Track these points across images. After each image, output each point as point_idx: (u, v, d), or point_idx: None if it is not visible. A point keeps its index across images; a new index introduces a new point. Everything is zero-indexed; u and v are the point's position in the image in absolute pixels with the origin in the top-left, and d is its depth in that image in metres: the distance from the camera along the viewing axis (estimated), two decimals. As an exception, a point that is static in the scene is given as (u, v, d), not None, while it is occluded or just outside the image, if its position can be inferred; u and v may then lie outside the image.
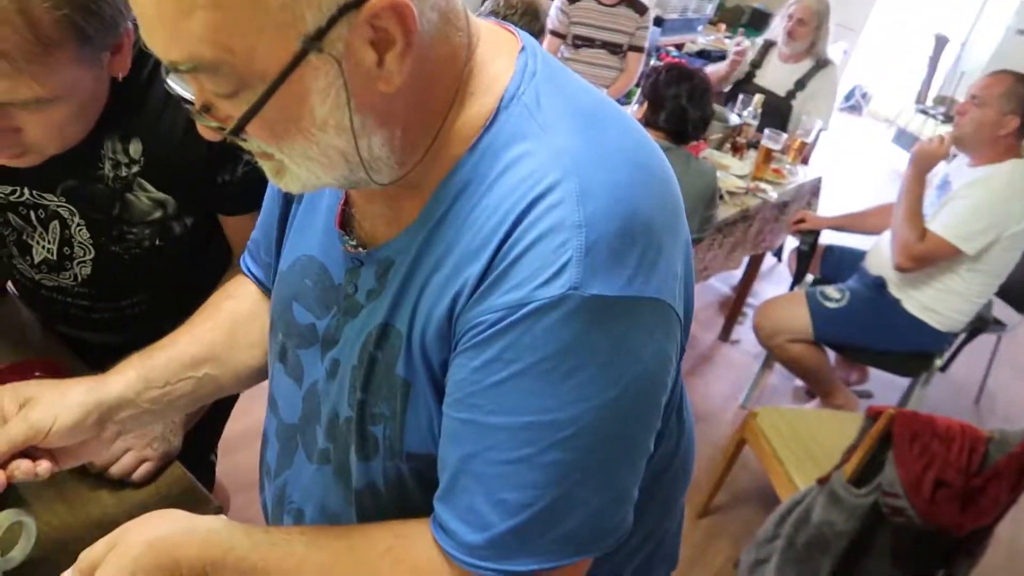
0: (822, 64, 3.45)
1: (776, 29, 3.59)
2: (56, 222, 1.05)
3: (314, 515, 0.78)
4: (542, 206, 0.55)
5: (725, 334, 3.43)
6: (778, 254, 3.97)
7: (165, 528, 0.67)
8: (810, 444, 2.14)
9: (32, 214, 1.05)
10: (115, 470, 0.98)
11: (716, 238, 2.71)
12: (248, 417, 1.39)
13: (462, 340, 0.59)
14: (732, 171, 2.87)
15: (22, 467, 0.74)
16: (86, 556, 0.67)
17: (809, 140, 3.15)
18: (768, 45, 3.59)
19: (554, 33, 3.52)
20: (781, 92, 3.46)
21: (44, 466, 0.76)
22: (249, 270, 0.92)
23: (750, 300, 3.46)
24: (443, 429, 0.62)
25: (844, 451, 1.90)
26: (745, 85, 3.53)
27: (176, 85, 0.57)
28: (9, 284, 1.30)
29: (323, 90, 0.53)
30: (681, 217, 0.64)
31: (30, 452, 0.76)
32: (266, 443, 0.87)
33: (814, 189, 3.27)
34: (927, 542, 1.94)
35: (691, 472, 0.90)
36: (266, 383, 0.86)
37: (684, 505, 0.97)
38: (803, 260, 2.97)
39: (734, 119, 3.10)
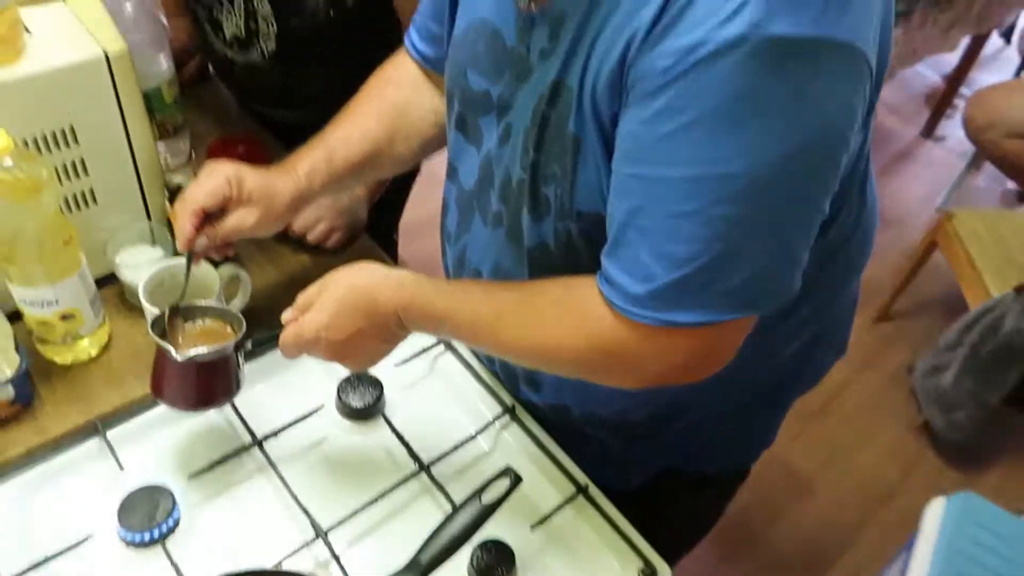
0: None
1: None
2: None
3: (490, 275, 0.83)
4: None
5: (929, 129, 3.09)
6: (1007, 35, 3.42)
7: (365, 274, 0.75)
8: (1013, 249, 1.96)
9: None
10: (311, 237, 1.09)
11: (930, 14, 2.36)
12: (428, 205, 1.47)
13: (633, 91, 0.57)
14: (962, -67, 2.44)
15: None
16: (302, 296, 0.77)
17: None
18: None
19: None
20: None
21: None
22: (414, 47, 0.93)
23: (963, 90, 3.05)
24: (612, 184, 0.62)
25: (1054, 258, 1.73)
26: None
27: None
28: (209, 67, 1.39)
29: None
30: None
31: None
32: (446, 210, 0.92)
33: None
34: None
35: (868, 253, 0.86)
36: (442, 171, 0.89)
37: (858, 291, 0.94)
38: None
39: None
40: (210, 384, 0.77)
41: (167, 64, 1.11)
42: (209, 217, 0.83)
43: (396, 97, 0.93)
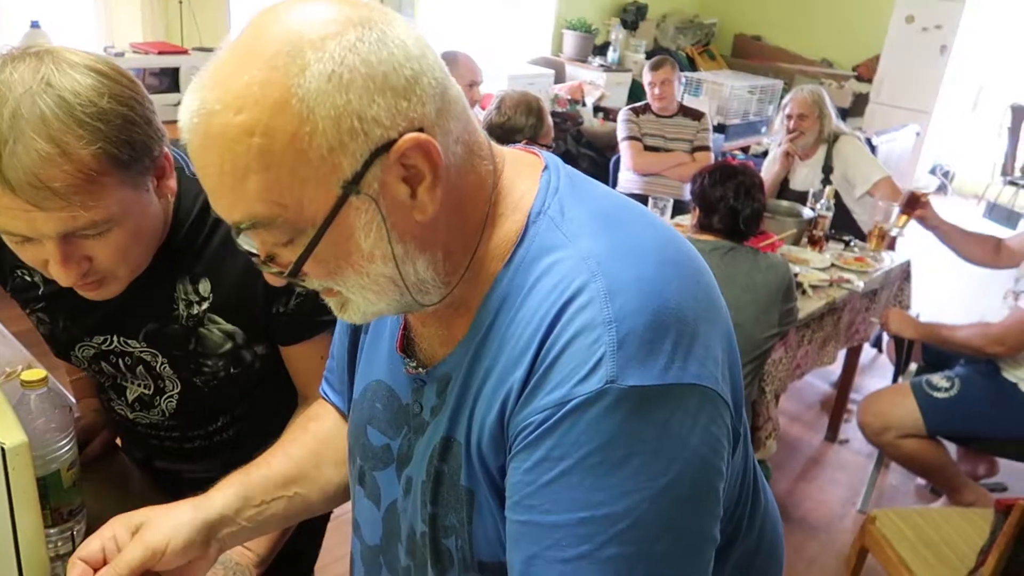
0: (834, 138, 3.43)
1: (779, 135, 3.58)
2: (142, 366, 1.15)
3: None
4: (572, 308, 0.59)
5: (832, 434, 3.25)
6: (877, 344, 3.79)
7: None
8: (940, 547, 1.97)
9: (120, 361, 1.15)
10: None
11: (805, 333, 2.63)
12: (345, 550, 1.41)
13: (514, 444, 0.61)
14: (813, 264, 2.82)
15: None
16: None
17: (889, 226, 3.05)
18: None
19: (633, 138, 3.85)
20: (818, 186, 3.42)
21: None
22: (327, 396, 0.98)
23: (854, 395, 3.29)
24: (507, 534, 0.63)
25: (979, 552, 1.74)
26: (783, 194, 3.50)
27: (243, 243, 0.64)
28: (117, 440, 1.37)
29: (365, 226, 0.60)
30: (716, 305, 0.66)
31: None
32: (353, 567, 0.89)
33: (904, 274, 3.15)
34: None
35: (780, 567, 0.87)
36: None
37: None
38: (902, 349, 2.83)
39: (808, 213, 3.07)
40: None
41: (70, 447, 1.09)
42: None
43: (319, 428, 0.95)
